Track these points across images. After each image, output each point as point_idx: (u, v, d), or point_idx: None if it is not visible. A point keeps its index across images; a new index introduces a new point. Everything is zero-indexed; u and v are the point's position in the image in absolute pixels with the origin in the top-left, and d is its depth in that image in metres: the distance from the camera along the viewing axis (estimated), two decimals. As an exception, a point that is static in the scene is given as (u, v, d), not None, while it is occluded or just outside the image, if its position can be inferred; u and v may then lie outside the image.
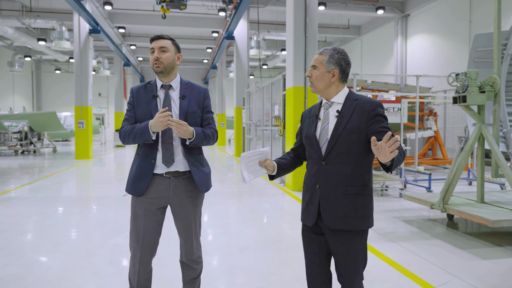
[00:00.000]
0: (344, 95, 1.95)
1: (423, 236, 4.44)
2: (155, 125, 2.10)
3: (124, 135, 2.22)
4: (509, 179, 4.10)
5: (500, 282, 3.11)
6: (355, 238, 1.90)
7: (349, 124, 1.87)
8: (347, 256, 1.91)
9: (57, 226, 4.89)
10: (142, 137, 2.15)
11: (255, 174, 2.02)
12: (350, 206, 1.88)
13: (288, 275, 3.28)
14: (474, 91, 4.36)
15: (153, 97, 2.24)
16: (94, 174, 10.25)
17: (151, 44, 2.23)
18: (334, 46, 1.99)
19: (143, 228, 2.24)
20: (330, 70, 1.91)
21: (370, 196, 1.94)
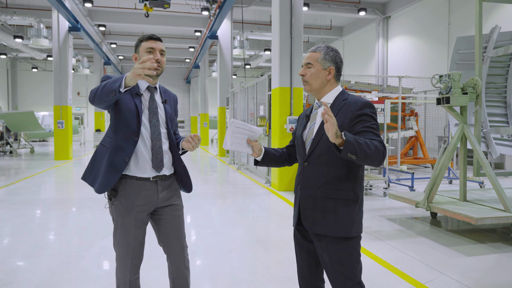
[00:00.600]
0: (335, 94, 1.88)
1: (408, 234, 4.54)
2: (132, 74, 1.81)
3: (97, 88, 1.94)
4: (491, 178, 4.23)
5: (483, 278, 3.21)
6: (338, 245, 1.79)
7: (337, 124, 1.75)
8: (332, 263, 1.80)
9: (39, 229, 4.76)
10: (113, 85, 1.86)
11: (239, 147, 1.96)
12: (330, 211, 1.79)
13: (280, 275, 3.29)
14: (457, 92, 4.49)
15: (136, 94, 2.12)
16: (75, 175, 10.02)
17: (147, 43, 2.11)
18: (326, 44, 1.96)
19: (133, 238, 2.13)
20: (326, 68, 1.85)
21: (354, 202, 1.81)
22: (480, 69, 4.67)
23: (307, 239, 1.93)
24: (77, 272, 3.32)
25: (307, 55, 1.91)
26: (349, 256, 1.79)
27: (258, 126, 9.50)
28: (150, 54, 2.08)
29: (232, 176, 9.78)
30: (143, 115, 2.12)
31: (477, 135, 4.67)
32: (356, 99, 1.82)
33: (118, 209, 2.12)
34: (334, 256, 1.79)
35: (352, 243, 1.81)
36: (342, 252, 1.79)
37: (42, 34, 14.95)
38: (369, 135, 1.70)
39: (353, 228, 1.80)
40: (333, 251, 1.79)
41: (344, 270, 1.78)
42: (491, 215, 3.93)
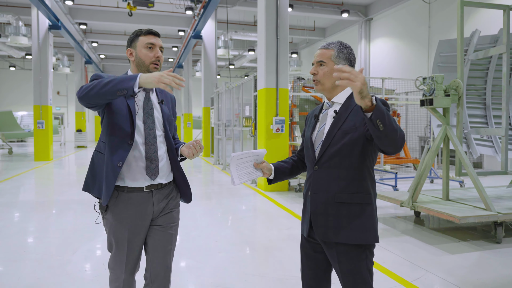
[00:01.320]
0: (347, 95, 1.77)
1: (393, 233, 4.63)
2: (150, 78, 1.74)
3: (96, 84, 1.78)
4: (472, 178, 4.36)
5: (468, 275, 3.31)
6: (351, 253, 1.69)
7: (345, 125, 1.70)
8: (345, 273, 1.70)
9: (22, 232, 4.65)
10: (121, 84, 1.74)
11: (248, 176, 1.87)
12: (344, 216, 1.69)
13: (270, 276, 3.31)
14: (440, 94, 4.61)
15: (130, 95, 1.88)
16: (56, 177, 9.81)
17: (146, 38, 1.97)
18: (338, 40, 1.83)
19: (127, 254, 1.95)
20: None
21: (370, 206, 1.71)
22: (462, 71, 4.81)
23: (316, 250, 1.82)
24: (64, 276, 3.26)
25: (318, 53, 1.79)
26: (362, 265, 1.69)
27: (243, 126, 9.51)
28: (150, 51, 1.96)
29: (217, 176, 9.76)
30: (137, 117, 1.93)
31: (459, 136, 4.81)
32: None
33: (109, 224, 1.95)
34: (346, 265, 1.70)
35: (365, 253, 1.71)
36: (355, 261, 1.69)
37: (20, 32, 14.56)
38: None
39: (371, 235, 1.69)
40: (344, 259, 1.70)
41: (357, 279, 1.69)
42: (473, 214, 4.05)
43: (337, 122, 1.73)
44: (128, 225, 1.93)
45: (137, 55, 1.97)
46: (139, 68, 1.98)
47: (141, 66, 1.96)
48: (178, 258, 3.77)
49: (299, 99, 9.40)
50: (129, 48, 2.01)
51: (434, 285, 3.10)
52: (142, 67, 1.96)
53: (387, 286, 3.09)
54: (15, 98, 26.83)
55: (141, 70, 1.97)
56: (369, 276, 1.72)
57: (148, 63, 1.95)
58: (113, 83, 1.74)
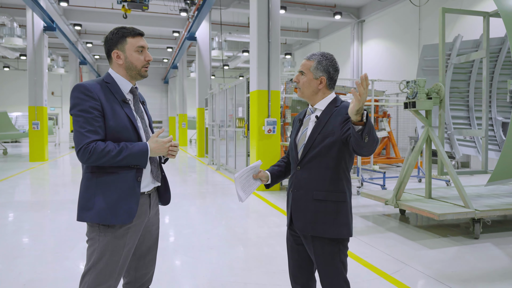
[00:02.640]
0: (327, 102, 1.93)
1: (378, 230, 4.84)
2: (157, 150, 1.83)
3: (103, 155, 1.73)
4: (452, 177, 4.58)
5: (444, 268, 3.52)
6: (326, 246, 1.86)
7: (324, 129, 1.87)
8: (320, 264, 1.88)
9: (20, 231, 4.80)
10: (134, 161, 1.79)
11: (251, 189, 2.02)
12: (320, 212, 1.86)
13: (259, 270, 3.50)
14: (422, 97, 4.82)
15: (123, 102, 1.87)
16: (52, 177, 9.93)
17: (136, 41, 1.90)
18: (322, 51, 1.98)
19: (120, 263, 1.86)
20: (317, 77, 1.91)
21: (345, 204, 1.88)
22: (443, 75, 5.02)
23: (297, 242, 2.00)
24: (63, 272, 3.43)
25: (302, 63, 1.96)
26: (336, 257, 1.87)
27: (237, 127, 9.70)
28: (140, 54, 1.91)
29: (211, 176, 9.93)
30: (138, 123, 1.91)
31: (441, 137, 5.02)
32: (347, 105, 1.87)
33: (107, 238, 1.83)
34: (321, 257, 1.88)
35: (338, 246, 1.88)
36: (329, 254, 1.87)
37: (15, 33, 14.63)
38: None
39: (344, 230, 1.86)
40: (320, 252, 1.87)
41: (331, 269, 1.87)
42: (452, 211, 4.27)
43: (318, 126, 1.91)
44: (130, 230, 1.87)
45: (127, 58, 1.90)
46: (128, 72, 1.92)
47: (132, 70, 1.92)
48: (171, 254, 3.95)
49: (291, 101, 9.59)
50: (116, 50, 1.90)
51: (412, 277, 3.30)
52: (133, 71, 1.92)
53: (367, 278, 3.29)
54: (9, 99, 26.79)
55: (131, 73, 1.93)
56: (343, 266, 1.91)
57: (140, 67, 1.92)
58: (125, 158, 1.76)
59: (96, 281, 1.82)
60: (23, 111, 22.14)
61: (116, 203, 1.80)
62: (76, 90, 1.80)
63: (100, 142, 1.75)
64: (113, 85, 1.88)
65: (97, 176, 1.82)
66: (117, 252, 1.84)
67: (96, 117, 1.77)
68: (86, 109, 1.76)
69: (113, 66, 1.94)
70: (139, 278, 2.08)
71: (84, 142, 1.73)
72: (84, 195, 1.83)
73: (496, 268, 3.54)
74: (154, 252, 2.11)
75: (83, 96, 1.78)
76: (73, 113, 1.79)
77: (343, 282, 1.90)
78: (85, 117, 1.75)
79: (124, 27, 1.92)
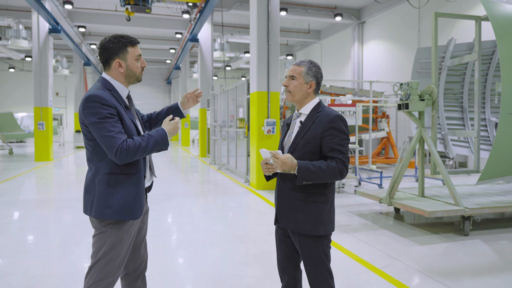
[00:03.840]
0: (311, 106, 2.09)
1: (373, 227, 5.00)
2: (172, 131, 2.05)
3: (137, 149, 1.90)
4: (443, 176, 4.74)
5: (432, 262, 3.68)
6: (308, 242, 2.03)
7: (307, 134, 2.02)
8: (304, 258, 2.06)
9: (27, 228, 5.00)
10: (159, 146, 1.99)
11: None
12: (301, 211, 2.02)
13: (256, 265, 3.68)
14: (415, 99, 4.98)
15: (126, 108, 2.06)
16: (57, 176, 10.16)
17: (136, 50, 2.06)
18: (309, 59, 2.15)
19: (125, 253, 2.04)
20: (308, 82, 2.07)
21: (324, 205, 2.03)
22: (435, 78, 5.18)
23: (285, 235, 2.16)
24: (69, 265, 3.62)
25: (291, 68, 2.11)
26: (318, 251, 2.04)
27: (237, 128, 9.89)
28: (138, 61, 2.07)
29: (213, 176, 10.12)
30: (139, 127, 2.10)
31: (433, 137, 5.18)
32: (328, 112, 2.04)
33: (114, 229, 2.00)
34: (305, 250, 2.07)
35: (321, 240, 2.04)
36: (312, 247, 2.04)
37: (21, 35, 14.91)
38: (334, 153, 1.98)
39: (321, 228, 2.02)
40: (304, 246, 2.06)
41: (315, 261, 2.05)
42: (442, 209, 4.43)
43: (301, 131, 2.08)
44: (136, 222, 2.09)
45: (128, 67, 2.03)
46: (127, 79, 2.07)
47: (131, 77, 2.07)
48: (173, 250, 4.14)
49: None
50: (118, 60, 2.01)
51: (400, 271, 3.47)
52: (132, 77, 2.07)
53: (358, 272, 3.46)
54: (15, 100, 27.12)
55: (130, 80, 2.08)
56: (326, 258, 2.07)
57: (138, 73, 2.09)
58: (154, 145, 1.96)
59: (105, 270, 1.98)
60: (28, 111, 22.42)
61: (132, 201, 1.98)
62: (91, 100, 1.91)
63: (129, 140, 1.91)
64: (115, 92, 2.02)
65: (115, 177, 1.96)
66: (125, 244, 2.03)
67: (117, 121, 1.93)
68: (106, 115, 1.89)
69: (111, 72, 2.05)
70: (137, 267, 2.27)
71: (118, 143, 1.86)
72: (103, 195, 1.96)
73: (482, 263, 3.70)
74: (145, 241, 2.31)
75: (99, 105, 1.90)
76: (94, 121, 1.88)
77: (326, 272, 2.07)
78: (109, 122, 1.89)
79: (122, 36, 2.04)
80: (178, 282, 3.27)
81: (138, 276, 2.28)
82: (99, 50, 2.06)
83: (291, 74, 2.12)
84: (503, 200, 5.01)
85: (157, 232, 4.72)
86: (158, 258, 3.81)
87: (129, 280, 2.26)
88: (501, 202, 4.87)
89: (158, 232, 4.75)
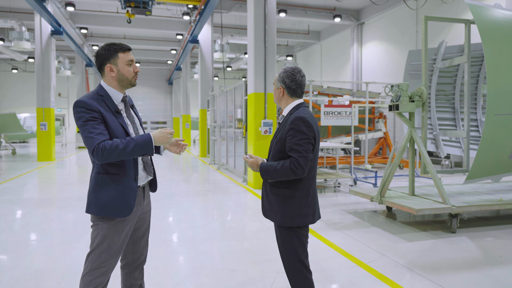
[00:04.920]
0: (289, 109, 2.30)
1: (364, 225, 5.16)
2: (160, 140, 2.11)
3: (113, 150, 1.99)
4: (432, 175, 4.89)
5: (417, 258, 3.83)
6: (280, 232, 2.28)
7: (279, 135, 2.27)
8: (279, 247, 2.31)
9: (30, 225, 5.18)
10: (142, 151, 2.06)
11: None
12: (272, 203, 2.28)
13: (247, 259, 3.84)
14: (405, 100, 5.13)
15: (117, 112, 2.16)
16: (59, 176, 10.35)
17: (127, 55, 2.19)
18: (286, 67, 2.34)
19: (119, 245, 2.20)
20: (278, 87, 2.34)
21: (292, 199, 2.22)
22: (425, 80, 5.33)
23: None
24: (70, 260, 3.80)
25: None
26: (291, 239, 2.24)
27: (236, 128, 10.05)
28: (130, 67, 2.18)
29: (212, 175, 10.29)
30: (130, 130, 2.19)
31: (423, 138, 5.33)
32: (295, 114, 2.22)
33: (107, 223, 2.16)
34: (278, 239, 2.32)
35: (291, 231, 2.25)
36: (283, 237, 2.27)
37: (24, 37, 15.13)
38: (292, 153, 2.17)
39: (287, 220, 2.23)
40: (277, 235, 2.32)
41: (286, 250, 2.27)
42: (430, 206, 4.58)
43: (276, 132, 2.35)
44: (131, 217, 2.23)
45: (119, 71, 2.17)
46: (120, 83, 2.20)
47: (124, 81, 2.20)
48: (169, 245, 4.31)
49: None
50: (109, 64, 2.15)
51: (385, 265, 3.62)
52: (125, 82, 2.20)
53: (346, 267, 3.62)
54: (18, 100, 27.39)
55: (123, 84, 2.20)
56: (298, 249, 2.25)
57: (131, 77, 2.21)
58: (134, 149, 2.03)
59: (99, 260, 2.17)
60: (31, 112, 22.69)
61: (116, 200, 2.13)
62: (77, 106, 2.09)
63: (108, 141, 2.03)
64: (106, 98, 2.16)
65: (102, 176, 2.14)
66: (117, 236, 2.19)
67: (100, 123, 2.07)
68: (89, 118, 2.06)
69: (106, 78, 2.20)
70: (136, 259, 2.44)
71: (95, 144, 2.00)
72: (92, 191, 2.16)
73: (465, 258, 3.85)
74: (147, 236, 2.48)
75: (84, 109, 2.07)
76: (79, 124, 2.07)
77: (300, 263, 2.27)
78: (90, 124, 2.04)
79: (114, 43, 2.19)
80: (174, 275, 3.43)
81: (136, 268, 2.46)
82: (94, 58, 2.24)
83: (273, 82, 2.43)
84: (490, 198, 5.15)
85: (156, 229, 4.89)
86: (155, 253, 3.98)
87: (128, 270, 2.45)
88: (488, 200, 5.02)
89: (156, 229, 4.92)
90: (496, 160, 4.80)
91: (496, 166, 4.87)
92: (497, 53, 4.50)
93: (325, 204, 6.41)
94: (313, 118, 2.26)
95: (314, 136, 2.21)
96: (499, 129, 4.55)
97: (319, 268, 3.56)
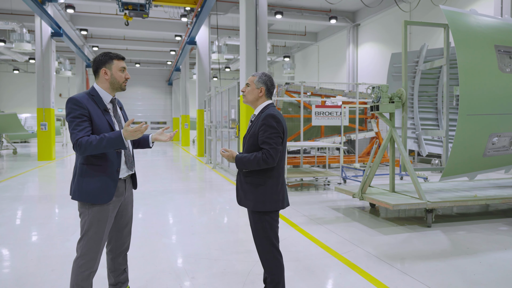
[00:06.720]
0: (261, 108, 2.59)
1: (346, 220, 5.40)
2: (129, 135, 2.30)
3: (88, 145, 2.25)
4: (409, 172, 5.13)
5: (390, 249, 4.08)
6: (253, 217, 2.53)
7: (251, 131, 2.54)
8: (252, 231, 2.57)
9: (29, 220, 5.45)
10: (114, 146, 2.29)
11: None
12: (246, 191, 2.54)
13: (231, 251, 4.09)
14: (385, 101, 5.38)
15: (104, 111, 2.43)
16: (58, 175, 10.63)
17: (120, 63, 2.49)
18: (263, 71, 2.70)
19: (105, 232, 2.45)
20: (258, 87, 2.60)
21: (263, 187, 2.49)
22: (405, 81, 5.57)
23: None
24: (64, 250, 4.06)
25: (248, 78, 2.67)
26: (263, 225, 2.51)
27: (230, 128, 10.30)
28: (122, 73, 2.49)
29: (207, 174, 10.55)
30: (115, 127, 2.47)
31: (403, 137, 5.57)
32: (266, 112, 2.51)
33: (91, 210, 2.42)
34: (252, 224, 2.58)
35: (263, 215, 2.50)
36: (256, 222, 2.53)
37: (24, 39, 15.42)
38: (264, 145, 2.45)
39: (260, 205, 2.49)
40: (251, 220, 2.58)
41: (259, 233, 2.53)
42: (405, 202, 4.83)
43: (249, 128, 2.64)
44: (112, 205, 2.48)
45: (112, 75, 2.47)
46: (111, 86, 2.49)
47: (115, 84, 2.49)
48: (156, 237, 4.56)
49: (282, 103, 10.17)
50: (104, 68, 2.46)
51: (358, 256, 3.87)
52: (116, 85, 2.50)
53: (321, 257, 3.87)
54: (18, 101, 27.73)
55: (114, 87, 2.49)
56: (269, 232, 2.52)
57: (121, 82, 2.50)
58: (107, 144, 2.28)
59: (88, 245, 2.44)
60: (32, 112, 22.98)
61: (99, 188, 2.39)
62: (69, 102, 2.37)
63: (85, 137, 2.29)
64: (97, 97, 2.45)
65: (86, 166, 2.41)
66: (103, 222, 2.45)
67: (84, 121, 2.33)
68: (77, 115, 2.33)
69: (99, 81, 2.50)
70: (120, 246, 2.72)
71: (75, 139, 2.29)
72: (78, 180, 2.42)
73: (435, 249, 4.09)
74: (130, 226, 2.76)
75: (74, 106, 2.35)
76: (67, 119, 2.36)
77: (271, 246, 2.54)
78: (76, 122, 2.32)
79: (110, 52, 2.53)
80: (159, 263, 3.69)
81: (120, 254, 2.73)
82: (91, 63, 2.54)
83: (247, 82, 2.68)
84: (466, 195, 5.40)
85: (146, 223, 5.16)
86: (143, 244, 4.24)
87: (112, 256, 2.72)
88: (463, 197, 5.26)
89: (146, 223, 5.18)
90: (470, 159, 5.04)
91: (471, 164, 5.11)
92: (469, 56, 4.74)
93: (312, 201, 6.66)
94: (282, 116, 2.56)
95: (283, 131, 2.52)
96: (471, 128, 4.79)
97: (295, 257, 3.81)
